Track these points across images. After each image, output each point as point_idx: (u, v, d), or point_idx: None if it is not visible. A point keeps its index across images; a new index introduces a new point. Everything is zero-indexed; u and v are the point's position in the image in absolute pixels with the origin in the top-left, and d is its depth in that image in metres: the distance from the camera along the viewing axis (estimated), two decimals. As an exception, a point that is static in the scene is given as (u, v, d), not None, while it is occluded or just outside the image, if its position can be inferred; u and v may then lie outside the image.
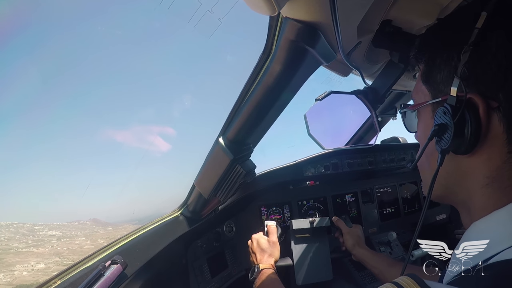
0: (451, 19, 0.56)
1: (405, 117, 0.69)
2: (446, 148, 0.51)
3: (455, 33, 0.51)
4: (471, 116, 0.46)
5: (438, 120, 0.51)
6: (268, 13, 0.59)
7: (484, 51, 0.46)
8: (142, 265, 1.09)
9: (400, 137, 2.09)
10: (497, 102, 0.45)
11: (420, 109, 0.60)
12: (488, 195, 0.49)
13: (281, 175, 1.62)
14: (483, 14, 0.46)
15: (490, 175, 0.48)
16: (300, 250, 1.45)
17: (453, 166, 0.53)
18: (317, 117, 1.02)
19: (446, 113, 0.49)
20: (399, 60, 0.92)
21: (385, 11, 0.72)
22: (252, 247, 1.33)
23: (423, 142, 0.60)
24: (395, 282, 0.43)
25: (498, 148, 0.47)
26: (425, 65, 0.57)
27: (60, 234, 8.89)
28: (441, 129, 0.51)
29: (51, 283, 0.90)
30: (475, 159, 0.49)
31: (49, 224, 10.26)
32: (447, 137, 0.50)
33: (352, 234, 1.45)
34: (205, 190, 1.15)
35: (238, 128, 0.96)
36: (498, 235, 0.45)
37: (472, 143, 0.47)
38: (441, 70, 0.52)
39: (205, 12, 0.80)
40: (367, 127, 1.78)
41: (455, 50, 0.48)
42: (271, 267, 1.22)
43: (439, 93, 0.53)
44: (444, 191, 0.57)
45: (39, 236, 8.90)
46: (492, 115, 0.46)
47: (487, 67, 0.46)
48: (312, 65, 0.80)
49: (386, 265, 1.22)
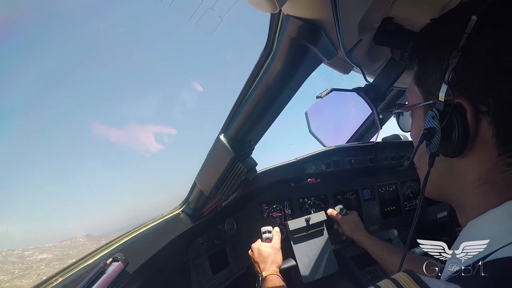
0: (443, 21, 0.55)
1: (400, 116, 0.70)
2: (434, 151, 0.52)
3: (446, 36, 0.51)
4: (458, 121, 0.47)
5: (427, 124, 0.52)
6: (269, 11, 0.59)
7: (473, 56, 0.46)
8: (144, 263, 1.09)
9: (401, 135, 2.09)
10: (486, 107, 0.45)
11: (414, 110, 0.60)
12: (480, 196, 0.49)
13: (282, 172, 1.62)
14: (473, 19, 0.45)
15: (481, 177, 0.48)
16: (302, 249, 1.46)
17: (445, 168, 0.54)
18: (319, 115, 1.02)
19: (434, 117, 0.50)
20: (400, 57, 0.91)
21: (386, 8, 0.71)
22: (254, 257, 1.32)
23: (416, 141, 0.60)
24: (392, 279, 0.44)
25: (488, 151, 0.47)
26: (417, 67, 0.57)
27: (51, 257, 8.65)
28: (430, 133, 0.51)
29: (52, 280, 0.90)
30: (466, 161, 0.50)
31: (40, 247, 10.05)
32: (435, 141, 0.51)
33: (349, 222, 1.46)
34: (206, 187, 1.15)
35: (239, 125, 0.96)
36: (495, 232, 0.45)
37: (459, 147, 0.48)
38: (433, 73, 0.52)
39: (207, 9, 0.80)
40: (368, 125, 1.78)
41: (445, 53, 0.48)
42: (275, 273, 1.21)
43: (430, 96, 0.54)
44: (438, 191, 0.58)
45: (28, 262, 8.68)
46: (481, 119, 0.46)
47: (477, 72, 0.46)
48: (313, 63, 0.80)
49: (387, 253, 1.22)
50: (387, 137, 2.13)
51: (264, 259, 1.28)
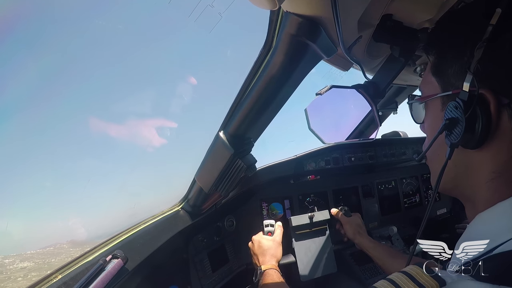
0: (463, 13, 0.55)
1: (412, 108, 0.69)
2: (456, 142, 0.51)
3: (468, 28, 0.51)
4: (482, 112, 0.47)
5: (449, 114, 0.51)
6: (268, 8, 0.58)
7: (497, 48, 0.46)
8: (143, 260, 1.09)
9: (400, 131, 2.09)
10: (508, 99, 0.46)
11: (429, 101, 0.60)
12: (493, 189, 0.49)
13: (282, 169, 1.62)
14: (497, 11, 0.45)
15: (496, 170, 0.49)
16: (302, 247, 1.45)
17: (461, 160, 0.53)
18: (318, 112, 1.01)
19: (458, 107, 0.49)
20: (400, 54, 0.91)
21: (385, 5, 0.71)
22: (253, 249, 1.31)
23: (430, 133, 0.60)
24: (403, 272, 0.44)
25: (506, 143, 0.47)
26: (435, 58, 0.57)
27: (31, 266, 8.32)
28: (451, 123, 0.51)
29: (52, 277, 0.90)
30: (483, 153, 0.50)
31: (22, 254, 9.70)
32: (458, 131, 0.50)
33: (352, 224, 1.45)
34: (205, 184, 1.15)
35: (239, 122, 0.96)
36: (501, 225, 0.45)
37: (481, 139, 0.48)
38: (453, 64, 0.52)
39: (206, 6, 0.79)
40: (367, 122, 1.77)
41: (467, 45, 0.48)
42: (274, 268, 1.21)
43: (449, 87, 0.53)
44: (451, 183, 0.57)
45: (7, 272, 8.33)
46: (502, 112, 0.47)
47: (501, 64, 0.46)
48: (312, 60, 0.80)
49: (388, 256, 1.22)
50: (386, 134, 2.13)
51: (263, 252, 1.27)
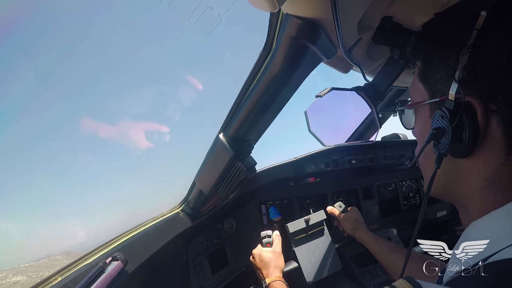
0: (449, 15, 0.54)
1: (403, 114, 0.68)
2: (443, 152, 0.50)
3: (453, 31, 0.50)
4: (469, 120, 0.45)
5: (436, 124, 0.51)
6: (268, 10, 0.59)
7: (483, 52, 0.44)
8: (143, 262, 1.09)
9: (400, 134, 2.09)
10: (495, 105, 0.44)
11: (418, 107, 0.59)
12: (485, 197, 0.48)
13: (281, 171, 1.62)
14: (482, 14, 0.44)
15: (488, 177, 0.47)
16: (303, 251, 1.44)
17: (451, 168, 0.52)
18: (318, 114, 1.02)
19: (444, 117, 0.48)
20: (400, 56, 0.92)
21: (385, 7, 0.71)
22: (255, 263, 1.30)
23: (421, 139, 0.59)
24: (392, 286, 0.43)
25: (496, 151, 0.46)
26: (422, 63, 0.56)
27: (25, 279, 8.21)
28: (438, 133, 0.50)
29: (51, 279, 0.90)
30: (473, 161, 0.49)
31: (15, 268, 9.62)
32: (445, 141, 0.49)
33: (349, 219, 1.44)
34: (205, 186, 1.15)
35: (238, 124, 0.96)
36: (496, 234, 0.44)
37: (469, 147, 0.47)
38: (439, 69, 0.51)
39: (206, 8, 0.80)
40: (367, 124, 1.78)
41: (453, 49, 0.47)
42: (278, 279, 1.20)
43: (437, 93, 0.52)
44: (443, 190, 0.57)
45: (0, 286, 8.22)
46: (490, 118, 0.45)
47: (486, 69, 0.44)
48: (312, 62, 0.80)
49: (388, 251, 1.20)
50: (386, 136, 2.13)
51: (266, 264, 1.26)
